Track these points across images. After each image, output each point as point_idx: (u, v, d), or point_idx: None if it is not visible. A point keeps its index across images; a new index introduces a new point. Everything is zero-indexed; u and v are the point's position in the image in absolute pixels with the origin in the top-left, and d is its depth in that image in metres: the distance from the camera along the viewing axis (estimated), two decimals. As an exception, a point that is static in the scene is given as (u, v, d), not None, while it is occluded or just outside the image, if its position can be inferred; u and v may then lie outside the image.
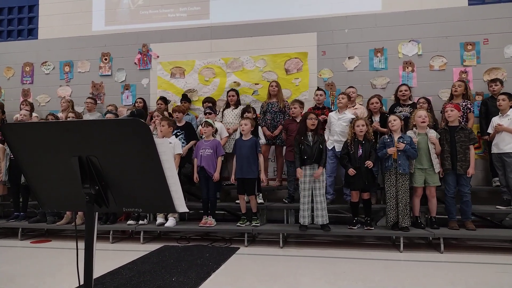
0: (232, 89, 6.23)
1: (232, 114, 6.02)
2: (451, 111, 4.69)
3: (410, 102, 5.61)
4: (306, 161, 4.65)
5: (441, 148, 4.69)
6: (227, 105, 6.16)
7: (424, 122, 4.67)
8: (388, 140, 4.60)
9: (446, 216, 4.77)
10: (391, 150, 4.51)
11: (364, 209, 4.80)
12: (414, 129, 4.76)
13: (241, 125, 5.03)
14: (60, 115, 6.67)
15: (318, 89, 5.95)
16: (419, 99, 5.56)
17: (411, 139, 4.57)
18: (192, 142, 5.66)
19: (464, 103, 5.38)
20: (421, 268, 3.84)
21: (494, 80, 5.56)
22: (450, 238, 4.85)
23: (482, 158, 5.75)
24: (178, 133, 5.72)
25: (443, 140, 4.70)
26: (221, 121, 5.97)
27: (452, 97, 5.55)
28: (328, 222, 4.67)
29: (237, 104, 6.13)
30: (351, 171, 4.61)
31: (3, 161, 5.80)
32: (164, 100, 6.49)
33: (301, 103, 5.61)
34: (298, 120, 5.37)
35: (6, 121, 6.80)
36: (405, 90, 5.58)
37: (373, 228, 4.72)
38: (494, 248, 4.65)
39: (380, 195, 5.52)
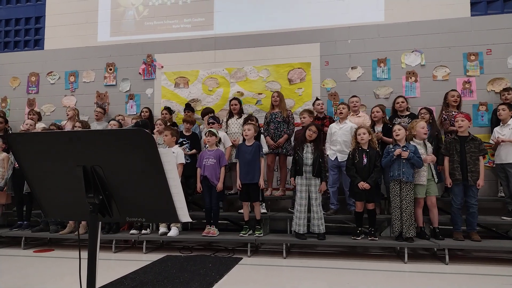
0: (235, 98, 6.24)
1: (236, 124, 5.99)
2: (462, 121, 4.63)
3: (408, 113, 5.63)
4: (299, 171, 4.71)
5: (451, 158, 4.64)
6: (231, 115, 6.17)
7: (426, 133, 4.66)
8: (393, 149, 4.59)
9: (451, 227, 4.72)
10: (398, 151, 4.47)
11: (368, 219, 4.76)
12: (415, 139, 4.73)
13: (244, 130, 5.03)
14: (64, 123, 6.72)
15: (317, 99, 6.00)
16: (420, 109, 5.55)
17: (415, 148, 4.55)
18: (194, 151, 5.71)
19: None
20: (426, 279, 3.80)
21: (506, 89, 5.53)
22: (455, 249, 4.81)
23: (488, 169, 5.70)
24: (184, 142, 5.78)
25: (452, 150, 4.65)
26: (225, 132, 5.98)
27: (447, 105, 5.54)
28: (324, 231, 4.69)
29: (241, 113, 6.12)
30: (362, 185, 4.54)
31: (6, 169, 5.84)
32: (169, 110, 6.53)
33: (311, 112, 5.62)
34: None
35: (11, 129, 6.85)
36: (402, 102, 5.59)
37: (377, 238, 4.69)
38: (499, 260, 4.59)
39: (384, 205, 5.49)
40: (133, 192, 1.40)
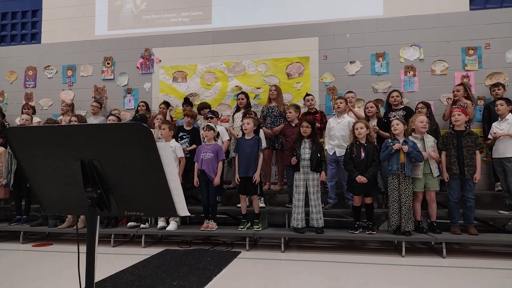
0: (242, 92, 6.17)
1: None
2: (459, 115, 4.65)
3: (402, 106, 5.64)
4: (297, 167, 4.73)
5: (448, 152, 4.66)
6: (237, 109, 6.09)
7: (424, 127, 4.67)
8: (391, 143, 4.59)
9: (448, 221, 4.75)
10: (397, 146, 4.47)
11: (366, 213, 4.79)
12: (413, 133, 4.74)
13: (244, 124, 5.02)
14: (60, 118, 6.70)
15: (307, 94, 5.97)
16: (418, 103, 5.56)
17: (414, 143, 4.56)
18: (194, 146, 5.67)
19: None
20: (423, 273, 3.83)
21: (496, 85, 5.54)
22: (453, 243, 4.84)
23: (485, 163, 5.72)
24: (184, 136, 5.75)
25: (449, 144, 4.66)
26: (232, 126, 5.97)
27: (455, 102, 5.53)
28: (323, 225, 4.72)
29: (247, 107, 6.04)
30: (360, 179, 4.55)
31: (4, 163, 5.82)
32: (166, 104, 6.51)
33: (297, 107, 5.62)
34: (293, 125, 5.41)
35: (9, 124, 6.82)
36: (397, 96, 5.60)
37: (375, 232, 4.71)
38: (496, 253, 4.63)
39: (382, 199, 5.51)
40: (131, 186, 1.40)
